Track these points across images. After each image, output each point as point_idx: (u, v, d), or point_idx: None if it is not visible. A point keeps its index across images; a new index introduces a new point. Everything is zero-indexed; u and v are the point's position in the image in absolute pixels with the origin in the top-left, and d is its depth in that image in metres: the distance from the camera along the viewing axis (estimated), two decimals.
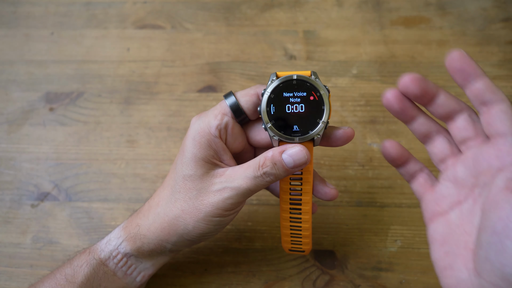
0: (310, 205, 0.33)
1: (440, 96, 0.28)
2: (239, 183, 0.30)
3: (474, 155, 0.28)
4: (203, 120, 0.32)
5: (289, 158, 0.30)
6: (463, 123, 0.28)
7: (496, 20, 0.51)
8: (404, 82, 0.28)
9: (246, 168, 0.31)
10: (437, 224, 0.29)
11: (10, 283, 0.41)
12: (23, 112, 0.49)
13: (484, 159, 0.27)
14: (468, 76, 0.27)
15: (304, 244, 0.35)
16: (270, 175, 0.30)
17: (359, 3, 0.53)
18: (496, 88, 0.27)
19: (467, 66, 0.27)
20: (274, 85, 0.31)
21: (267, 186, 0.32)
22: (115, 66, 0.51)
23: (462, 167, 0.28)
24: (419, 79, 0.28)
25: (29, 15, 0.54)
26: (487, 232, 0.24)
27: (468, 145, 0.28)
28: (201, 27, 0.53)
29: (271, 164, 0.30)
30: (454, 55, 0.27)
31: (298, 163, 0.30)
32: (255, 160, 0.31)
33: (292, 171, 0.31)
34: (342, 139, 0.32)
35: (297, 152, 0.30)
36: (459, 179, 0.28)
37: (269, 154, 0.30)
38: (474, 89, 0.27)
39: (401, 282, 0.40)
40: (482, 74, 0.27)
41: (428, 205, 0.30)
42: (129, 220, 0.35)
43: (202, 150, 0.31)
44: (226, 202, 0.31)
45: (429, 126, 0.30)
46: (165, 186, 0.34)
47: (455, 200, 0.28)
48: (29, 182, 0.45)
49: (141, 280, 0.35)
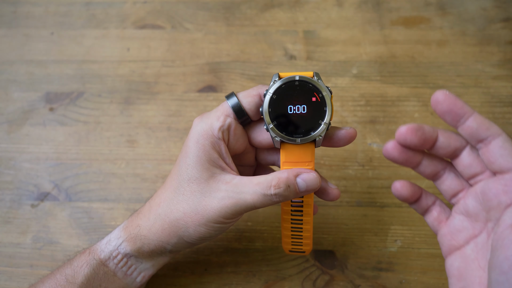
0: (311, 207, 0.33)
1: (440, 138, 0.28)
2: (246, 197, 0.30)
3: (482, 190, 0.27)
4: (205, 122, 0.32)
5: (303, 183, 0.30)
6: (468, 159, 0.28)
7: (496, 20, 0.51)
8: (401, 134, 0.27)
9: (256, 184, 0.30)
10: (454, 259, 0.29)
11: (10, 283, 0.41)
12: (23, 112, 0.49)
13: (493, 194, 0.26)
14: (458, 116, 0.26)
15: (304, 245, 0.35)
16: (281, 196, 0.30)
17: (359, 3, 0.53)
18: (488, 123, 0.26)
19: (455, 106, 0.26)
20: (276, 86, 0.31)
21: (272, 205, 0.32)
22: (115, 66, 0.51)
23: (472, 200, 0.28)
24: (416, 129, 0.27)
25: (29, 15, 0.54)
26: (495, 270, 0.24)
27: (476, 179, 0.28)
28: (201, 27, 0.53)
29: (285, 187, 0.30)
30: (439, 97, 0.26)
31: (310, 188, 0.30)
32: (266, 178, 0.30)
33: (302, 194, 0.31)
34: (345, 139, 0.32)
35: (311, 179, 0.30)
36: (471, 213, 0.28)
37: (283, 176, 0.30)
38: (467, 128, 0.27)
39: (401, 282, 0.40)
40: (471, 112, 0.26)
41: (444, 239, 0.29)
42: (129, 220, 0.35)
43: (207, 153, 0.31)
44: (228, 212, 0.31)
45: (435, 166, 0.29)
46: (167, 187, 0.34)
47: (470, 234, 0.28)
48: (29, 182, 0.45)
49: (141, 281, 0.35)
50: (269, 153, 0.35)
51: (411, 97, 0.48)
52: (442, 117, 0.27)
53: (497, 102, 0.47)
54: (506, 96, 0.47)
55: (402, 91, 0.48)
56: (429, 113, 0.47)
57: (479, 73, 0.48)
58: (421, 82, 0.48)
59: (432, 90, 0.48)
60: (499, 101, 0.47)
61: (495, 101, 0.47)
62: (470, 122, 0.26)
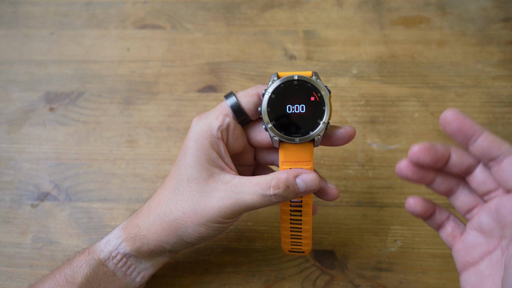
0: (310, 207, 0.33)
1: (452, 156, 0.28)
2: (245, 197, 0.30)
3: (496, 206, 0.27)
4: (204, 121, 0.32)
5: (302, 183, 0.30)
6: (481, 176, 0.28)
7: (496, 20, 0.51)
8: (413, 154, 0.27)
9: (255, 185, 0.30)
10: (468, 275, 0.28)
11: (10, 283, 0.41)
12: (23, 112, 0.49)
13: (507, 212, 0.26)
14: (468, 135, 0.26)
15: (304, 245, 0.35)
16: (280, 197, 0.30)
17: (359, 3, 0.53)
18: (500, 141, 0.26)
19: (464, 125, 0.26)
20: (275, 85, 0.31)
21: (271, 205, 0.32)
22: (115, 66, 0.51)
23: (486, 217, 0.28)
24: (428, 148, 0.27)
25: (29, 15, 0.54)
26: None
27: (490, 196, 0.28)
28: (201, 27, 0.53)
29: (284, 187, 0.30)
30: (448, 116, 0.26)
31: (310, 189, 0.30)
32: (266, 178, 0.30)
33: (301, 195, 0.31)
34: (344, 138, 0.32)
35: (311, 180, 0.30)
36: (485, 229, 0.28)
37: (282, 176, 0.30)
38: (477, 147, 0.26)
39: (401, 282, 0.40)
40: (481, 130, 0.26)
41: (459, 255, 0.29)
42: (129, 220, 0.35)
43: (205, 152, 0.31)
44: (227, 212, 0.31)
45: (448, 183, 0.29)
46: (166, 187, 0.34)
47: (484, 250, 0.28)
48: (29, 182, 0.45)
49: (141, 280, 0.35)
50: (268, 152, 0.35)
51: (411, 97, 0.48)
52: (452, 136, 0.27)
53: (497, 102, 0.47)
54: (506, 96, 0.47)
55: (402, 91, 0.48)
56: (429, 113, 0.47)
57: (479, 73, 0.48)
58: (421, 82, 0.48)
59: (432, 90, 0.48)
60: (499, 101, 0.47)
61: (495, 101, 0.47)
62: (480, 141, 0.26)
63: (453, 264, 0.40)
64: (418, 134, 0.46)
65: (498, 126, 0.46)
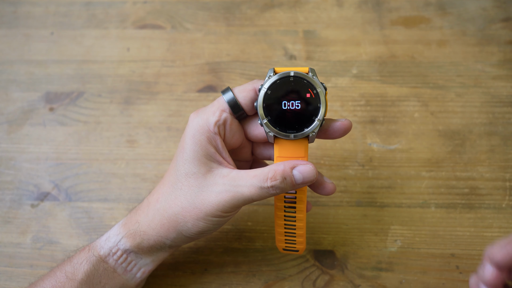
0: (304, 203, 0.33)
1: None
2: (243, 190, 0.30)
3: None
4: (201, 117, 0.32)
5: (299, 175, 0.30)
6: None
7: (496, 20, 0.51)
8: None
9: (253, 177, 0.30)
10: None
11: (10, 283, 0.41)
12: (23, 112, 0.49)
13: None
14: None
15: (298, 243, 0.35)
16: (277, 188, 0.30)
17: (359, 3, 0.53)
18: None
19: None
20: (271, 81, 0.31)
21: (269, 197, 0.32)
22: (115, 66, 0.51)
23: None
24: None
25: (29, 15, 0.54)
26: None
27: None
28: (201, 27, 0.53)
29: (281, 179, 0.30)
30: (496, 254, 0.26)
31: (307, 180, 0.30)
32: (263, 171, 0.30)
33: (298, 187, 0.31)
34: (340, 131, 0.32)
35: (308, 171, 0.30)
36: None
37: (279, 168, 0.30)
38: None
39: (401, 282, 0.40)
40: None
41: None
42: (128, 217, 0.35)
43: (203, 147, 0.31)
44: (226, 205, 0.31)
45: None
46: (164, 183, 0.34)
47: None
48: (29, 182, 0.45)
49: (141, 276, 0.35)
50: (265, 147, 0.36)
51: (411, 97, 0.48)
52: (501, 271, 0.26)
53: (497, 102, 0.47)
54: (506, 96, 0.47)
55: (402, 91, 0.48)
56: (429, 113, 0.47)
57: (479, 73, 0.48)
58: (421, 82, 0.48)
59: (432, 90, 0.48)
60: (499, 101, 0.47)
61: (495, 101, 0.47)
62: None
63: (453, 264, 0.40)
64: (418, 134, 0.46)
65: (498, 126, 0.46)
